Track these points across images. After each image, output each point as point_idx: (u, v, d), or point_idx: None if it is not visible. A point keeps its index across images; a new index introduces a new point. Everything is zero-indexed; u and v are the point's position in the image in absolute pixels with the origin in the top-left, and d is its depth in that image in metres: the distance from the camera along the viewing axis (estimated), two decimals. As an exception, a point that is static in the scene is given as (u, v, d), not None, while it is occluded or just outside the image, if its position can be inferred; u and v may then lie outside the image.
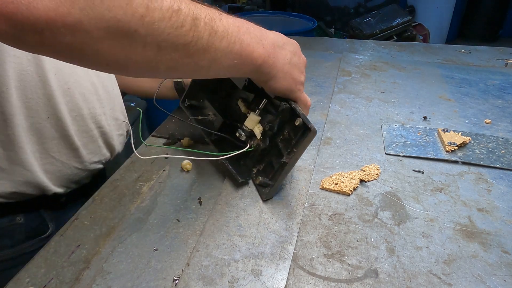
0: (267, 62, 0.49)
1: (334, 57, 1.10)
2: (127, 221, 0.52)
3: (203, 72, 0.45)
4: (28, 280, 0.43)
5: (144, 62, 0.39)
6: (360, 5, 3.88)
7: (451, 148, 0.65)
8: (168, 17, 0.37)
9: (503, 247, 0.48)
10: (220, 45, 0.43)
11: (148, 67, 0.40)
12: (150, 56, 0.38)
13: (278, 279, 0.43)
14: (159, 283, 0.43)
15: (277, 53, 0.50)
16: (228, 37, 0.43)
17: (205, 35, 0.41)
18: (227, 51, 0.44)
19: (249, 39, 0.46)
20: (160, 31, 0.37)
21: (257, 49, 0.47)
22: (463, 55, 1.12)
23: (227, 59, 0.45)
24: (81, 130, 0.63)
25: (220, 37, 0.42)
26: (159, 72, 0.42)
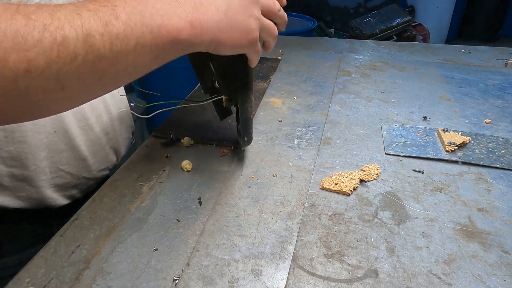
0: (193, 32, 0.39)
1: (334, 57, 1.10)
2: (127, 221, 0.52)
3: (126, 79, 0.39)
4: (28, 280, 0.43)
5: (55, 103, 0.35)
6: (360, 5, 3.88)
7: (451, 148, 0.65)
8: (56, 56, 0.31)
9: (503, 247, 0.48)
10: (128, 47, 0.36)
11: (62, 105, 0.36)
12: (58, 97, 0.34)
13: (278, 279, 0.43)
14: (159, 283, 0.43)
15: (201, 14, 0.40)
16: (133, 32, 0.36)
17: (106, 48, 0.34)
18: (140, 49, 0.37)
19: (158, 17, 0.37)
20: (53, 75, 0.32)
21: (173, 26, 0.38)
22: (463, 55, 1.12)
23: (144, 56, 0.38)
24: (89, 139, 0.63)
25: (125, 39, 0.35)
26: (75, 103, 0.38)
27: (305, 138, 0.70)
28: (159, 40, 0.37)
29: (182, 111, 0.81)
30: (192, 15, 0.39)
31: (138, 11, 0.36)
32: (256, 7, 0.44)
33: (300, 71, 1.00)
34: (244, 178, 0.59)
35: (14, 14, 0.30)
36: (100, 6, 0.35)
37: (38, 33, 0.30)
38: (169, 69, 2.01)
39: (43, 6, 0.32)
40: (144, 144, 0.70)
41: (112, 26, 0.34)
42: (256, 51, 0.47)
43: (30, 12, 0.31)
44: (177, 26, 0.38)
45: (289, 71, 1.00)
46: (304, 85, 0.92)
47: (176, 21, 0.38)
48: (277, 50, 1.16)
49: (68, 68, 0.32)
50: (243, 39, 0.43)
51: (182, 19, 0.38)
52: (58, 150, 0.59)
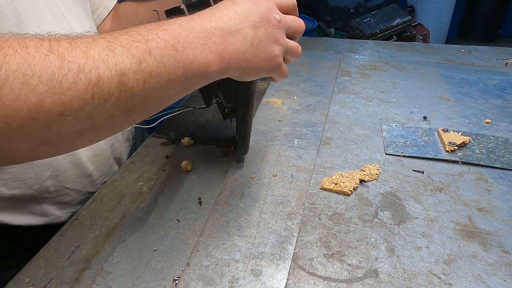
0: (222, 63, 0.39)
1: (334, 57, 1.10)
2: (127, 221, 0.52)
3: (154, 112, 0.38)
4: (28, 280, 0.43)
5: (84, 140, 0.34)
6: (360, 5, 3.88)
7: (451, 148, 0.65)
8: (91, 97, 0.30)
9: (503, 247, 0.48)
10: (160, 84, 0.35)
11: (90, 141, 0.36)
12: (88, 135, 0.33)
13: (278, 279, 0.43)
14: (159, 283, 0.43)
15: (230, 45, 0.39)
16: (166, 69, 0.35)
17: (138, 87, 0.33)
18: (171, 84, 0.36)
19: (190, 52, 0.36)
20: (86, 116, 0.31)
21: (204, 60, 0.37)
22: (463, 55, 1.12)
23: (174, 90, 0.37)
24: (94, 154, 0.62)
25: (157, 76, 0.34)
26: (102, 138, 0.37)
27: (305, 138, 0.70)
28: (190, 75, 0.37)
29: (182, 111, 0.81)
30: (221, 46, 0.39)
31: (170, 45, 0.35)
32: (281, 32, 0.43)
33: (300, 71, 1.00)
34: (244, 178, 0.59)
35: (47, 55, 0.29)
36: (133, 41, 0.33)
37: (73, 75, 0.29)
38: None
39: (76, 42, 0.31)
40: (144, 144, 0.70)
41: (146, 63, 0.33)
42: (280, 74, 0.46)
43: (64, 51, 0.29)
44: (207, 60, 0.38)
45: (289, 71, 0.99)
46: (304, 85, 0.92)
47: (207, 55, 0.37)
48: (277, 50, 1.16)
49: (101, 108, 0.32)
50: (267, 65, 0.43)
51: (212, 51, 0.38)
52: (63, 169, 0.58)
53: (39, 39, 0.30)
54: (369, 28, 2.64)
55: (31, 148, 0.31)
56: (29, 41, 0.29)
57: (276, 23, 0.42)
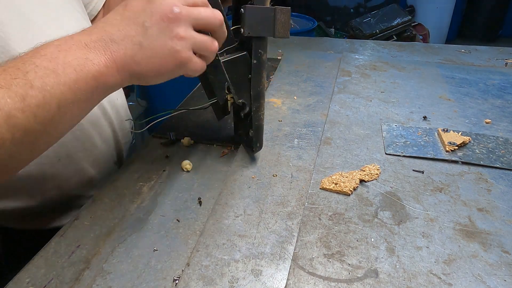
0: (111, 73, 0.37)
1: (334, 57, 1.10)
2: (127, 221, 0.52)
3: (60, 136, 0.38)
4: (28, 280, 0.43)
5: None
6: (360, 5, 3.88)
7: (451, 148, 0.65)
8: None
9: (503, 247, 0.48)
10: (51, 112, 0.34)
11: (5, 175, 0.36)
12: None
13: (278, 279, 0.43)
14: (159, 283, 0.43)
15: (114, 53, 0.38)
16: (53, 96, 0.34)
17: (30, 122, 0.33)
18: (63, 108, 0.35)
19: (72, 71, 0.35)
20: None
21: (89, 75, 0.36)
22: (463, 55, 1.12)
23: (71, 111, 0.36)
24: (94, 159, 0.62)
25: (46, 106, 0.34)
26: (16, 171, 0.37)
27: (305, 138, 0.70)
28: (80, 94, 0.36)
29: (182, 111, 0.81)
30: (104, 57, 0.37)
31: (50, 71, 0.34)
32: (183, 25, 0.40)
33: (300, 71, 1.00)
34: (244, 178, 0.59)
35: None
36: (12, 79, 0.32)
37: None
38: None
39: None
40: (144, 144, 0.70)
41: (30, 97, 0.33)
42: (192, 70, 0.43)
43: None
44: (92, 74, 0.36)
45: (289, 71, 1.00)
46: (304, 85, 0.92)
47: (90, 69, 0.36)
48: (277, 50, 1.16)
49: (2, 153, 0.31)
50: (169, 64, 0.40)
51: (96, 64, 0.37)
52: (66, 178, 0.58)
53: None
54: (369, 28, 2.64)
55: None
56: None
57: (173, 17, 0.39)
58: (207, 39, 0.43)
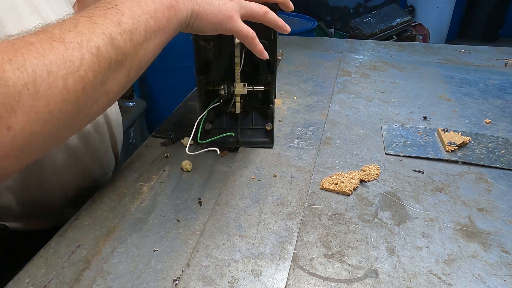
0: (179, 6, 0.44)
1: (334, 57, 1.10)
2: (127, 221, 0.52)
3: (146, 66, 0.43)
4: (28, 281, 0.43)
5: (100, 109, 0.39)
6: (360, 5, 3.88)
7: (451, 148, 0.65)
8: (98, 66, 0.35)
9: (503, 247, 0.48)
10: (141, 37, 0.40)
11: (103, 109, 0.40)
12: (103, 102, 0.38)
13: (278, 279, 0.43)
14: (159, 283, 0.43)
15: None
16: (140, 23, 0.39)
17: (127, 45, 0.38)
18: (149, 35, 0.41)
19: (152, 4, 0.41)
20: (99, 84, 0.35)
21: (163, 6, 0.43)
22: (463, 55, 1.12)
23: (155, 40, 0.42)
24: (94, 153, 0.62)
25: (136, 31, 0.39)
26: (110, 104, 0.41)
27: (305, 138, 0.70)
28: (159, 22, 0.41)
29: (182, 111, 0.81)
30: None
31: (134, 2, 0.40)
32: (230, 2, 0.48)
33: (300, 71, 1.00)
34: (244, 178, 0.59)
35: (51, 43, 0.32)
36: (106, 10, 0.38)
37: (78, 52, 0.33)
38: (169, 69, 2.01)
39: (64, 26, 0.34)
40: (144, 144, 0.70)
41: (124, 23, 0.38)
42: (237, 28, 0.49)
43: (61, 36, 0.33)
44: (166, 5, 0.42)
45: (289, 71, 1.00)
46: (304, 85, 0.92)
47: (164, 0, 0.42)
48: (277, 50, 1.16)
49: (107, 73, 0.36)
50: (219, 14, 0.47)
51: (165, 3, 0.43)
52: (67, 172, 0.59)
53: (35, 33, 0.33)
54: (369, 28, 2.64)
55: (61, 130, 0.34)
56: (30, 38, 0.32)
57: None
58: (254, 5, 0.50)
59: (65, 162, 0.59)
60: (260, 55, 0.53)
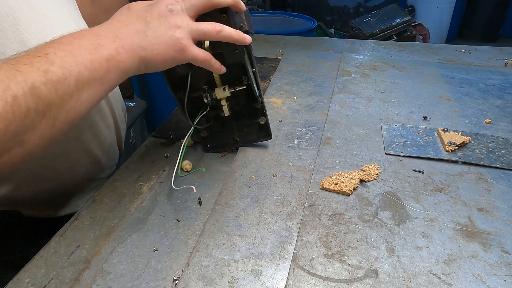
0: (120, 57, 0.43)
1: (334, 57, 1.10)
2: (127, 221, 0.52)
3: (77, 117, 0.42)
4: (28, 281, 0.43)
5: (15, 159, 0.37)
6: (360, 5, 3.88)
7: (451, 148, 0.65)
8: (12, 116, 0.34)
9: (503, 247, 0.48)
10: (70, 87, 0.39)
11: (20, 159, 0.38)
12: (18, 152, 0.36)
13: (278, 279, 0.43)
14: (159, 283, 0.43)
15: (122, 39, 0.43)
16: (71, 73, 0.39)
17: (52, 95, 0.36)
18: (81, 86, 0.40)
19: (87, 53, 0.40)
20: (12, 134, 0.34)
21: (101, 56, 0.41)
22: (463, 55, 1.12)
23: (87, 91, 0.41)
24: (99, 141, 0.63)
25: (65, 81, 0.38)
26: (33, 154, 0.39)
27: (305, 138, 0.70)
28: (95, 73, 0.41)
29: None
30: (114, 43, 0.42)
31: (68, 52, 0.39)
32: (177, 17, 0.45)
33: (300, 71, 1.00)
34: (244, 178, 0.59)
35: None
36: (34, 58, 0.37)
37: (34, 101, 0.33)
38: (169, 69, 2.01)
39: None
40: (144, 144, 0.70)
41: (52, 73, 0.37)
42: (192, 56, 0.47)
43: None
44: (105, 57, 0.41)
45: (289, 71, 1.00)
46: (304, 85, 0.92)
47: (102, 51, 0.41)
48: (277, 50, 1.16)
49: (24, 124, 0.34)
50: (170, 50, 0.45)
51: (107, 48, 0.42)
52: (77, 161, 0.59)
53: None
54: (369, 28, 2.64)
55: None
56: None
57: (168, 12, 0.45)
58: (205, 25, 0.46)
59: (76, 152, 0.59)
60: (219, 72, 0.51)
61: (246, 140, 0.67)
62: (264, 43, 1.24)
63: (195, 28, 0.46)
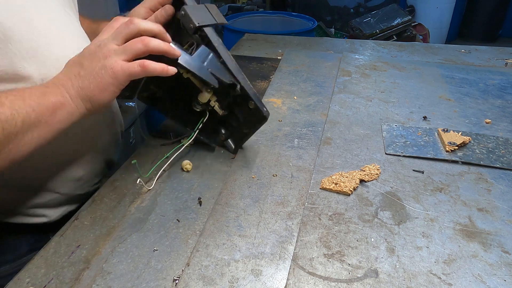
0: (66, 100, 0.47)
1: (334, 57, 1.10)
2: (127, 221, 0.52)
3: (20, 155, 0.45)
4: (28, 280, 0.43)
5: None
6: (360, 5, 3.88)
7: (451, 148, 0.65)
8: None
9: (503, 247, 0.48)
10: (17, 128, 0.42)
11: None
12: None
13: (278, 279, 0.43)
14: (159, 283, 0.43)
15: (63, 85, 0.47)
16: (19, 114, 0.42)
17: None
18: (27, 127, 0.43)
19: (36, 98, 0.44)
20: None
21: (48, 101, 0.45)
22: (463, 55, 1.12)
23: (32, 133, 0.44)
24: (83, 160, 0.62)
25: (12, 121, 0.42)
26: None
27: (305, 138, 0.70)
28: (41, 116, 0.45)
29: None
30: (59, 89, 0.47)
31: (19, 96, 0.44)
32: (104, 49, 0.48)
33: (300, 71, 1.00)
34: (244, 178, 0.59)
35: None
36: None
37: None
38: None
39: None
40: (144, 144, 0.70)
41: (0, 113, 0.41)
42: (129, 73, 0.48)
43: None
44: (52, 101, 0.45)
45: (289, 71, 1.00)
46: (304, 85, 0.92)
47: (49, 97, 0.46)
48: (277, 50, 1.16)
49: None
50: (105, 78, 0.47)
51: (53, 94, 0.46)
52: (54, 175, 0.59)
53: None
54: (369, 28, 2.64)
55: None
56: None
57: (96, 49, 0.48)
58: (133, 41, 0.48)
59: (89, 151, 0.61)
60: (166, 74, 0.50)
61: (251, 128, 0.64)
62: (264, 43, 1.24)
63: (121, 50, 0.48)
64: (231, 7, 3.49)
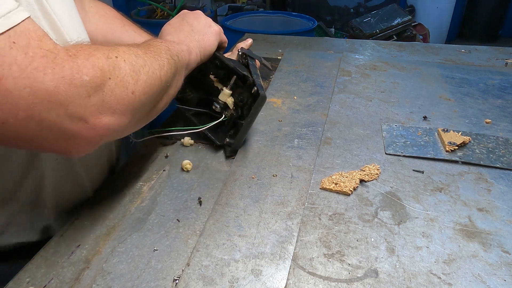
0: (189, 50, 0.59)
1: (334, 57, 1.10)
2: (127, 221, 0.52)
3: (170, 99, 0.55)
4: (28, 280, 0.43)
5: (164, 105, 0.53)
6: (360, 5, 3.88)
7: (451, 148, 0.65)
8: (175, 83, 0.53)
9: (503, 247, 0.48)
10: (172, 71, 0.51)
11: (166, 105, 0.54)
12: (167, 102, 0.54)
13: (278, 279, 0.43)
14: (159, 283, 0.43)
15: (186, 44, 0.60)
16: (180, 63, 0.54)
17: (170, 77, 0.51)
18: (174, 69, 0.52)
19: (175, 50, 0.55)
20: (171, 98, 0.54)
21: (181, 50, 0.57)
22: (463, 55, 1.12)
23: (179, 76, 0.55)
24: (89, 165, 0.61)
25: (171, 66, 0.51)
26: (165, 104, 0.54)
27: (305, 138, 0.70)
28: (179, 63, 0.54)
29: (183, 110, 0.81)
30: (181, 45, 0.59)
31: (167, 49, 0.53)
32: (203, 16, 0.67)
33: (300, 71, 1.00)
34: (244, 178, 0.59)
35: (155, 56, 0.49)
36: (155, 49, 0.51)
37: (170, 72, 0.51)
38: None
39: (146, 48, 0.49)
40: (144, 144, 0.70)
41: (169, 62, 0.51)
42: (224, 37, 0.70)
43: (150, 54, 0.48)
44: (182, 49, 0.58)
45: (289, 71, 1.00)
46: (304, 85, 0.92)
47: (181, 47, 0.58)
48: (277, 50, 1.16)
49: (173, 78, 0.52)
50: (211, 35, 0.65)
51: (185, 44, 0.60)
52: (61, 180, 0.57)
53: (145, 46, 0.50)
54: (369, 28, 2.64)
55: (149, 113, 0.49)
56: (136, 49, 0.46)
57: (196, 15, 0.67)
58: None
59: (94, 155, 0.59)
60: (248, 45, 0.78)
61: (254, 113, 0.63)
62: (264, 43, 1.24)
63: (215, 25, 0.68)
64: (231, 7, 3.49)
